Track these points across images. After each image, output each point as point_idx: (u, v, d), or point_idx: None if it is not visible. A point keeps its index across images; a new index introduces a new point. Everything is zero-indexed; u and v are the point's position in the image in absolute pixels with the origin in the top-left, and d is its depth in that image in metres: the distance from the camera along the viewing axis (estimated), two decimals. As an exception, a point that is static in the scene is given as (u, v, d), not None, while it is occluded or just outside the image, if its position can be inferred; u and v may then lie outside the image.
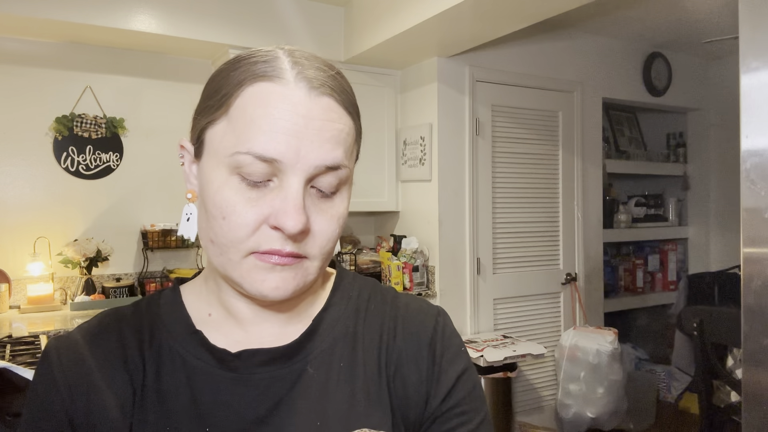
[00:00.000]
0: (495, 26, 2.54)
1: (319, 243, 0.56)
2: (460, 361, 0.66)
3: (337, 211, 0.58)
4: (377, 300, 0.69)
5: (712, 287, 3.20)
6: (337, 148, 0.55)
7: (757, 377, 1.14)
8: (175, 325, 0.63)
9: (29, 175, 2.67)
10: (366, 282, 0.72)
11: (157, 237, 2.77)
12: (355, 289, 0.70)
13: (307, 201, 0.55)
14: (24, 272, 2.58)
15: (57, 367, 0.60)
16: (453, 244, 2.99)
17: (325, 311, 0.66)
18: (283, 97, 0.53)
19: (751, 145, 1.14)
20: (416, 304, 0.70)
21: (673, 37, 3.56)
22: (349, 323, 0.66)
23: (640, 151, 4.12)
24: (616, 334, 2.94)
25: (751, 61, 1.14)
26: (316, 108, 0.54)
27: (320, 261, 0.58)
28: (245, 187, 0.54)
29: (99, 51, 2.80)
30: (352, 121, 0.58)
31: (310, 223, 0.55)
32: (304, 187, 0.54)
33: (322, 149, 0.54)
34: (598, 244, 3.50)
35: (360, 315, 0.67)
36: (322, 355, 0.62)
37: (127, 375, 0.59)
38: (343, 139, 0.56)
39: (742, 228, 1.15)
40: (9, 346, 1.83)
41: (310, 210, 0.55)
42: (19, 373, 1.18)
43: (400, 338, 0.66)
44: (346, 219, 0.60)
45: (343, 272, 0.73)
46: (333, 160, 0.54)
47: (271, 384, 0.59)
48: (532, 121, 3.21)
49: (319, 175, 0.54)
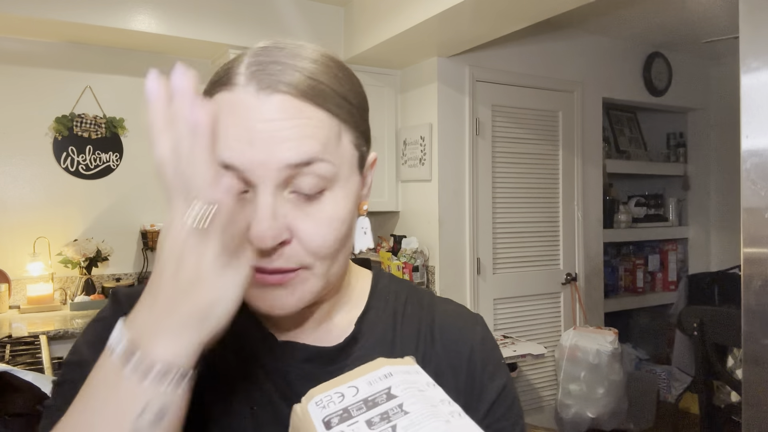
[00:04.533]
0: (495, 26, 2.54)
1: (311, 249, 0.52)
2: (500, 375, 0.64)
3: (328, 213, 0.53)
4: (414, 303, 0.67)
5: (713, 287, 3.20)
6: (303, 143, 0.50)
7: (758, 377, 1.14)
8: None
9: (29, 175, 2.67)
10: (402, 284, 0.70)
11: (157, 237, 2.75)
12: (392, 292, 0.67)
13: (285, 208, 0.51)
14: (24, 272, 2.58)
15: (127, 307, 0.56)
16: (453, 244, 2.99)
17: (365, 315, 0.64)
18: (232, 105, 0.51)
19: (752, 145, 1.14)
20: (455, 311, 0.68)
21: (673, 37, 3.56)
22: (387, 327, 0.64)
23: (641, 151, 4.11)
24: (617, 335, 2.94)
25: (751, 61, 1.14)
26: (266, 108, 0.50)
27: (322, 268, 0.54)
28: None
29: (99, 51, 2.80)
30: (325, 113, 0.52)
31: (295, 231, 0.51)
32: (278, 193, 0.50)
33: (282, 148, 0.50)
34: (598, 244, 3.50)
35: (397, 319, 0.65)
36: (361, 360, 0.58)
37: None
38: (310, 133, 0.51)
39: (743, 228, 1.15)
40: (9, 347, 1.83)
41: (293, 216, 0.51)
42: (19, 375, 1.18)
43: (439, 346, 0.63)
44: (346, 221, 0.55)
45: (379, 274, 0.70)
46: (298, 156, 0.50)
47: (306, 383, 0.56)
48: (532, 121, 3.21)
49: (293, 177, 0.51)
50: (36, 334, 2.02)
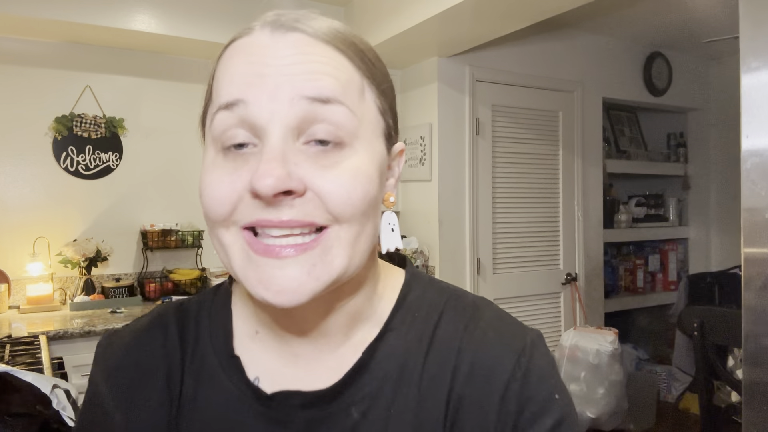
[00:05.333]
0: (495, 26, 2.54)
1: (333, 204, 0.44)
2: (549, 414, 0.50)
3: (351, 166, 0.45)
4: (449, 322, 0.54)
5: (713, 287, 3.20)
6: (321, 78, 0.44)
7: (758, 377, 1.14)
8: (219, 340, 0.55)
9: (29, 175, 2.67)
10: (440, 294, 0.56)
11: (157, 237, 2.76)
12: (423, 307, 0.55)
13: (299, 158, 0.44)
14: (23, 272, 2.58)
15: (102, 374, 0.56)
16: (453, 244, 2.99)
17: (380, 340, 0.53)
18: (245, 47, 0.47)
19: (752, 145, 1.14)
20: (497, 331, 0.53)
21: (673, 37, 3.56)
22: (408, 356, 0.52)
23: (641, 150, 4.11)
24: (617, 335, 2.93)
25: (751, 60, 1.14)
26: (280, 45, 0.45)
27: (348, 235, 0.45)
28: (227, 161, 0.46)
29: (98, 51, 2.79)
30: (347, 60, 0.47)
31: (310, 184, 0.44)
32: (290, 139, 0.44)
33: (296, 80, 0.44)
34: (598, 244, 3.50)
35: (422, 344, 0.52)
36: (369, 398, 0.51)
37: (166, 387, 0.54)
38: (328, 72, 0.45)
39: (743, 228, 1.15)
40: (8, 347, 1.82)
41: (307, 168, 0.44)
42: (18, 376, 1.17)
43: (469, 380, 0.50)
44: (374, 179, 0.47)
45: (412, 279, 0.58)
46: (314, 89, 0.44)
47: (311, 428, 0.51)
48: (533, 121, 3.21)
49: (307, 122, 0.44)
50: (35, 335, 2.02)
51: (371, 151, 0.48)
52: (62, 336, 2.12)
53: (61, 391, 1.20)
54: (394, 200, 0.54)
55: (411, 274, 0.58)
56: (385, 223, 0.53)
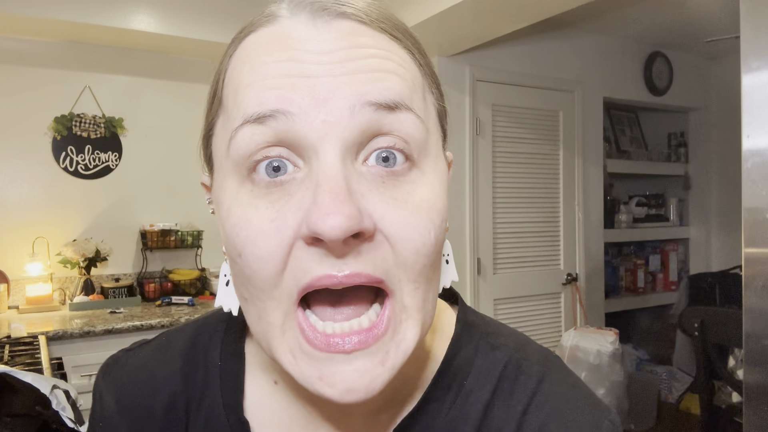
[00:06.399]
0: (495, 26, 2.54)
1: (406, 252, 0.34)
2: None
3: (422, 197, 0.35)
4: (505, 402, 0.42)
5: (714, 287, 3.20)
6: (386, 76, 0.34)
7: (759, 378, 1.13)
8: (228, 394, 0.46)
9: (28, 175, 2.66)
10: (497, 357, 0.44)
11: (156, 237, 2.76)
12: (474, 374, 0.43)
13: (362, 185, 0.34)
14: (23, 272, 2.58)
15: (99, 415, 0.50)
16: (453, 244, 2.95)
17: (416, 415, 0.42)
18: (272, 39, 0.36)
19: (753, 144, 1.13)
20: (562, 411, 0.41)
21: (674, 37, 3.55)
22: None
23: (641, 150, 4.11)
24: (617, 335, 2.93)
25: (752, 60, 1.14)
26: (326, 36, 0.35)
27: (417, 297, 0.35)
28: (260, 194, 0.34)
29: (98, 50, 2.79)
30: (407, 53, 0.37)
31: (378, 221, 0.33)
32: (349, 159, 0.34)
33: (356, 80, 0.34)
34: (598, 244, 3.49)
35: (468, 425, 0.41)
36: None
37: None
38: (392, 69, 0.35)
39: (744, 228, 1.14)
40: (8, 347, 1.82)
41: (375, 201, 0.34)
42: (18, 376, 1.17)
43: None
44: (445, 216, 0.37)
45: (464, 330, 0.46)
46: (380, 93, 0.33)
47: None
48: (533, 121, 3.21)
49: (369, 135, 0.34)
50: (35, 335, 2.02)
51: (439, 172, 0.38)
52: (62, 336, 2.12)
53: (60, 391, 1.20)
54: (448, 226, 0.39)
55: (463, 322, 0.47)
56: None
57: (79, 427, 1.13)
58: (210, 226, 3.03)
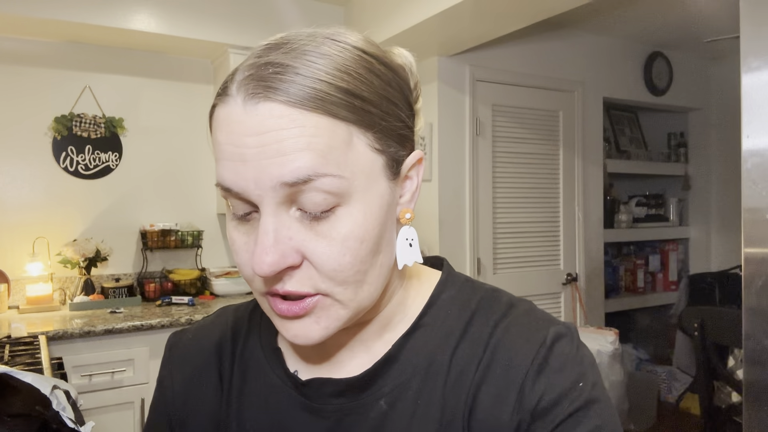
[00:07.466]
0: (495, 26, 2.54)
1: (326, 273, 0.47)
2: (565, 403, 0.49)
3: (342, 232, 0.46)
4: (481, 319, 0.55)
5: (713, 287, 3.20)
6: (296, 158, 0.43)
7: (758, 378, 1.13)
8: (267, 334, 0.62)
9: (28, 175, 2.67)
10: (476, 292, 0.58)
11: (157, 237, 2.76)
12: (455, 306, 0.56)
13: (292, 229, 0.46)
14: (23, 272, 2.58)
15: (167, 366, 0.66)
16: (453, 244, 2.99)
17: (409, 335, 0.55)
18: (223, 118, 0.46)
19: (752, 144, 1.13)
20: (521, 325, 0.54)
21: (674, 37, 3.56)
22: (437, 351, 0.54)
23: (641, 150, 4.11)
24: (617, 335, 2.93)
25: (752, 60, 1.14)
26: (253, 121, 0.44)
27: (346, 295, 0.48)
28: (241, 222, 0.49)
29: (98, 50, 2.79)
30: (327, 118, 0.44)
31: (305, 253, 0.46)
32: (282, 212, 0.46)
33: (273, 166, 0.44)
34: (598, 244, 3.50)
35: (452, 339, 0.54)
36: (398, 389, 0.53)
37: (219, 377, 0.62)
38: (304, 145, 0.44)
39: (743, 228, 1.15)
40: (8, 347, 1.82)
41: (302, 237, 0.46)
42: (18, 376, 1.17)
43: (487, 371, 0.51)
44: (366, 239, 0.47)
45: (447, 280, 0.60)
46: (291, 174, 0.44)
47: (343, 417, 0.54)
48: (533, 121, 3.21)
49: (296, 194, 0.45)
50: (35, 335, 2.02)
51: (367, 201, 0.48)
52: (62, 336, 2.12)
53: (60, 391, 1.20)
54: (411, 216, 0.54)
55: (447, 274, 0.61)
56: (402, 238, 0.54)
57: (79, 427, 1.13)
58: (210, 226, 3.03)
